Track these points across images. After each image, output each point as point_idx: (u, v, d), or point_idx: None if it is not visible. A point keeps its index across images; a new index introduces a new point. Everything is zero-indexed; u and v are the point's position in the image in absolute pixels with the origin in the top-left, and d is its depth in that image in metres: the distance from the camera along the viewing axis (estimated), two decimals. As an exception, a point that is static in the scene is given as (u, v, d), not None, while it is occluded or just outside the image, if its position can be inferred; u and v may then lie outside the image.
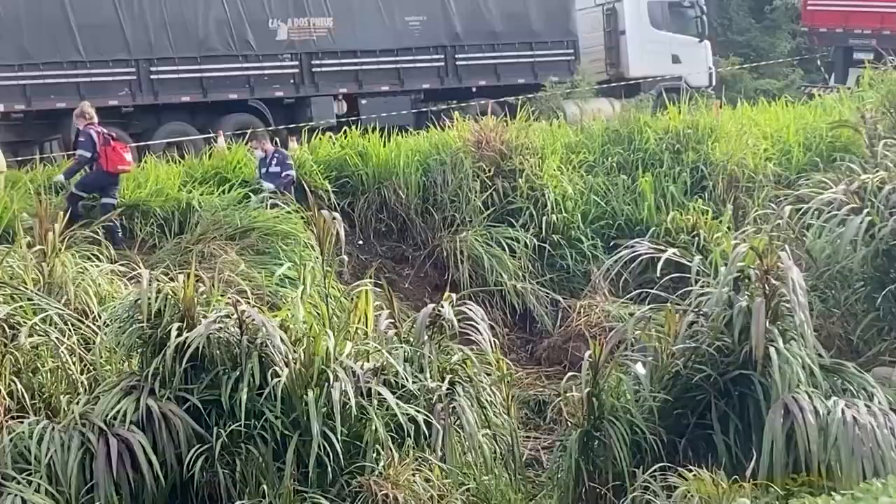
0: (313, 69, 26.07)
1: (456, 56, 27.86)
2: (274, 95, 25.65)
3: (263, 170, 18.14)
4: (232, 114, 24.72)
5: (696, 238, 18.11)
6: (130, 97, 24.02)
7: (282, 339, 11.23)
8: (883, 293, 13.69)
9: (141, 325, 11.51)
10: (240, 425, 10.82)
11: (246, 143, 19.57)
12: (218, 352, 11.29)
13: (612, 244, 18.86)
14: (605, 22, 31.11)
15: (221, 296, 12.35)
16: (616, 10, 31.05)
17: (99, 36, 23.70)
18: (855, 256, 13.78)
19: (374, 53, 26.73)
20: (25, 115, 23.27)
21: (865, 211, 13.86)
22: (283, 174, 17.94)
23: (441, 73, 27.71)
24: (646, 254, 14.02)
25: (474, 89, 27.96)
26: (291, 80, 25.95)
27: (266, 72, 25.56)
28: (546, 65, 28.85)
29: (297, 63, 25.97)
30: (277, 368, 11.03)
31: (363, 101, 25.73)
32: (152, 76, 24.15)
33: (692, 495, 10.36)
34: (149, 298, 11.53)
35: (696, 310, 12.84)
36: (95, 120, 17.32)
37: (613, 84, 29.84)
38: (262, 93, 25.41)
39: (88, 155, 16.96)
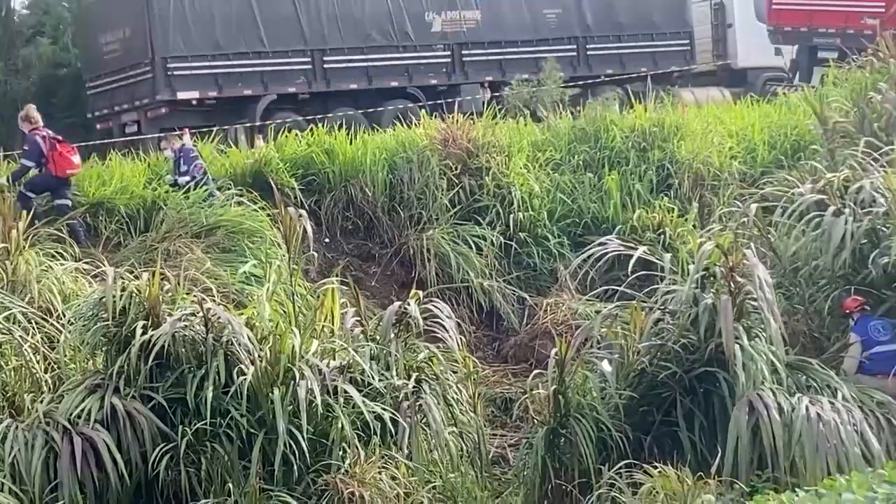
0: (463, 58, 28.93)
1: (587, 46, 30.41)
2: (429, 83, 28.40)
3: (176, 169, 18.03)
4: (392, 100, 27.17)
5: (662, 236, 18.15)
6: (306, 84, 26.84)
7: (248, 337, 11.20)
8: (847, 291, 13.73)
9: (105, 323, 11.47)
10: (205, 424, 10.80)
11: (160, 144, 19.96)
12: (183, 350, 11.26)
13: (578, 242, 18.92)
14: (712, 16, 33.93)
15: (187, 294, 12.31)
16: (724, 5, 33.92)
17: (280, 29, 26.59)
18: (826, 256, 13.80)
19: (515, 44, 29.34)
20: (217, 101, 25.86)
21: (847, 211, 13.87)
22: (193, 166, 17.79)
23: (574, 63, 29.89)
24: (613, 251, 14.04)
25: (602, 77, 29.98)
26: (444, 69, 28.84)
27: (422, 61, 28.44)
28: (665, 54, 31.50)
29: (449, 53, 28.90)
30: (243, 366, 11.02)
31: (506, 89, 26.85)
32: (325, 65, 27.00)
33: (657, 492, 10.38)
34: (113, 296, 11.49)
35: (663, 307, 12.87)
36: (41, 124, 17.13)
37: (720, 74, 33.21)
38: (418, 80, 28.17)
39: (31, 165, 16.80)
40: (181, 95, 25.31)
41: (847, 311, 13.52)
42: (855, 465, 10.57)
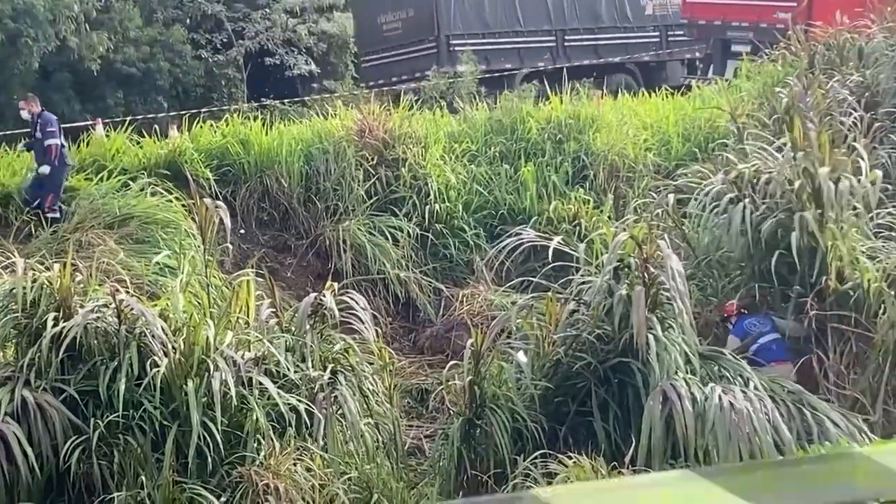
0: (668, 38, 33.77)
1: None
2: (643, 60, 33.49)
3: (31, 136, 17.62)
4: (613, 74, 31.85)
5: (578, 227, 18.20)
6: (551, 60, 31.61)
7: (161, 329, 11.09)
8: (755, 280, 13.87)
9: (16, 314, 11.32)
10: (118, 416, 10.68)
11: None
12: (95, 342, 11.13)
13: (494, 233, 18.94)
14: None
15: (100, 285, 12.16)
16: None
17: (532, 10, 31.81)
18: (735, 245, 13.94)
19: None
20: (483, 73, 28.61)
21: (746, 200, 14.02)
22: (46, 143, 17.13)
23: None
24: (529, 242, 14.08)
25: None
26: (654, 47, 33.70)
27: (639, 40, 33.41)
28: None
29: (657, 33, 33.92)
30: (156, 358, 10.90)
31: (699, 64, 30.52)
32: (566, 43, 32.17)
33: (572, 482, 10.41)
34: (24, 288, 11.32)
35: (577, 298, 12.92)
36: None
37: None
38: (635, 57, 33.21)
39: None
40: (460, 69, 28.27)
41: (726, 315, 13.69)
42: (767, 454, 10.70)
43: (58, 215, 16.63)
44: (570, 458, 10.76)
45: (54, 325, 11.02)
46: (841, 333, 13.23)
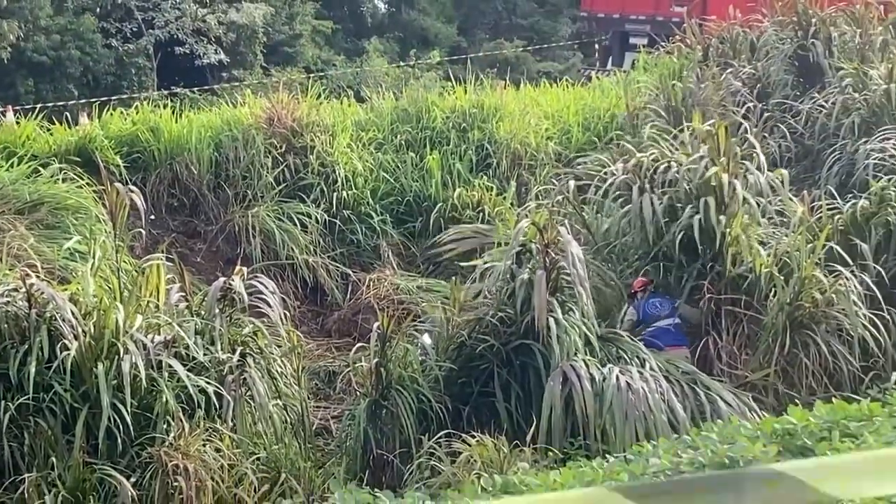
0: None
1: None
2: None
3: None
4: None
5: (482, 213, 18.30)
6: None
7: (71, 313, 10.96)
8: (654, 265, 14.01)
9: (-75, 298, 11.11)
10: (28, 398, 10.53)
11: None
12: (6, 325, 10.95)
13: (400, 219, 18.98)
14: None
15: (10, 270, 11.99)
16: None
17: None
18: (640, 233, 14.06)
19: None
20: None
21: (647, 189, 14.15)
22: None
23: None
24: (470, 238, 14.09)
25: None
26: None
27: None
28: None
29: None
30: (67, 342, 10.76)
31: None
32: None
33: (475, 460, 10.47)
34: (-66, 272, 11.14)
35: (481, 282, 12.98)
36: None
37: None
38: None
39: None
40: None
41: (633, 291, 13.80)
42: (662, 432, 10.81)
43: None
44: (473, 437, 10.82)
45: (-36, 310, 10.85)
46: (734, 316, 13.41)
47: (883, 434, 6.18)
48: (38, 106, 20.55)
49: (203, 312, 12.15)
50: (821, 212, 14.28)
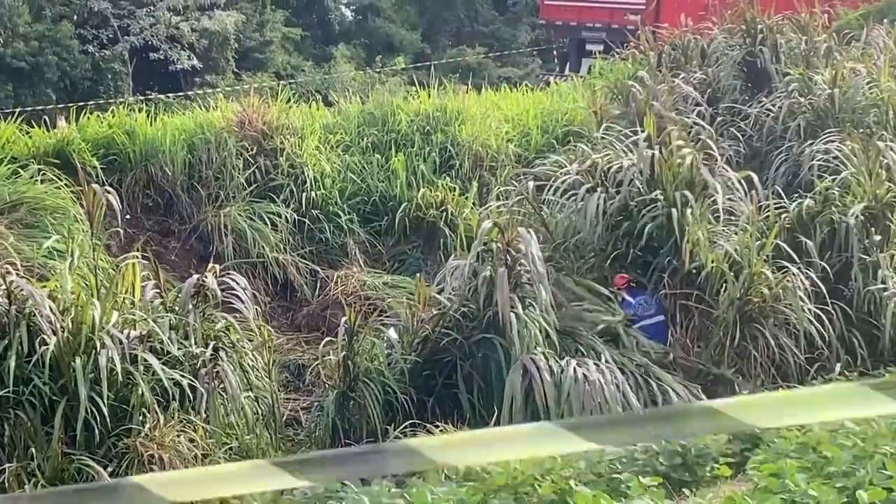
0: None
1: None
2: None
3: None
4: None
5: (445, 213, 18.32)
6: None
7: (50, 309, 10.92)
8: (609, 262, 14.06)
9: None
10: (8, 391, 10.49)
11: None
12: (-14, 322, 10.91)
13: (367, 218, 18.97)
14: None
15: (-10, 268, 11.91)
16: None
17: None
18: (593, 231, 14.11)
19: None
20: None
21: (600, 189, 14.21)
22: None
23: None
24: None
25: None
26: None
27: None
28: None
29: None
30: (45, 337, 10.73)
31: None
32: None
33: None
34: (-84, 270, 11.06)
35: (445, 279, 13.01)
36: None
37: None
38: None
39: None
40: None
41: (617, 288, 13.84)
42: (617, 421, 10.84)
43: None
44: (437, 427, 10.83)
45: (-54, 306, 10.78)
46: (687, 310, 13.48)
47: (827, 423, 6.24)
48: (18, 110, 20.43)
49: (177, 308, 12.13)
50: (769, 211, 14.37)
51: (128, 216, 17.70)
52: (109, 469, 10.42)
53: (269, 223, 18.16)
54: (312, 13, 48.67)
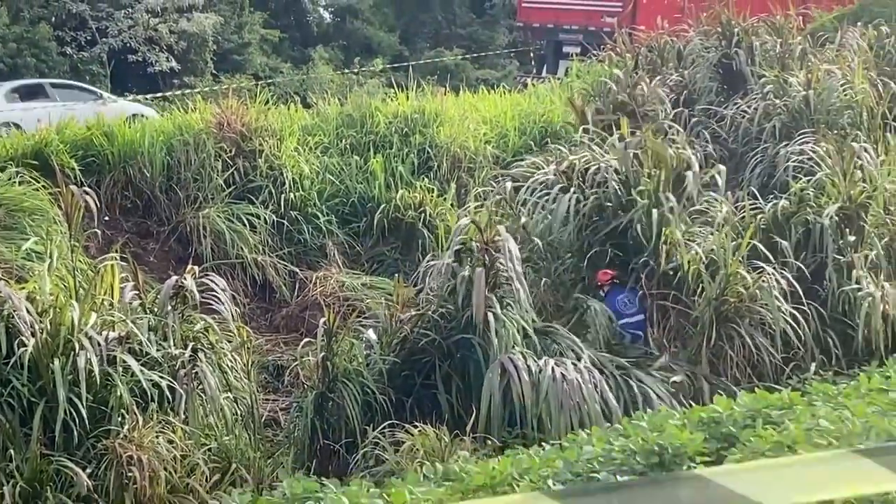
0: None
1: None
2: None
3: None
4: None
5: (423, 214, 18.32)
6: None
7: (28, 310, 10.86)
8: (586, 263, 14.06)
9: None
10: (-14, 393, 10.44)
11: None
12: (-36, 323, 10.84)
13: (346, 219, 18.94)
14: None
15: (-32, 270, 11.86)
16: None
17: None
18: (565, 230, 14.12)
19: None
20: None
21: (573, 189, 14.23)
22: None
23: None
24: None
25: None
26: None
27: None
28: None
29: None
30: (24, 338, 10.67)
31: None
32: None
33: (418, 449, 10.49)
34: None
35: (423, 279, 12.99)
36: None
37: None
38: None
39: None
40: None
41: (599, 284, 13.84)
42: (595, 421, 10.86)
43: None
44: (415, 427, 10.83)
45: (-77, 308, 10.71)
46: (664, 310, 13.50)
47: (802, 422, 6.25)
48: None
49: (156, 310, 12.09)
50: (744, 212, 14.40)
51: (106, 218, 17.63)
52: (88, 470, 10.38)
53: (247, 224, 18.12)
54: (291, 15, 48.58)
